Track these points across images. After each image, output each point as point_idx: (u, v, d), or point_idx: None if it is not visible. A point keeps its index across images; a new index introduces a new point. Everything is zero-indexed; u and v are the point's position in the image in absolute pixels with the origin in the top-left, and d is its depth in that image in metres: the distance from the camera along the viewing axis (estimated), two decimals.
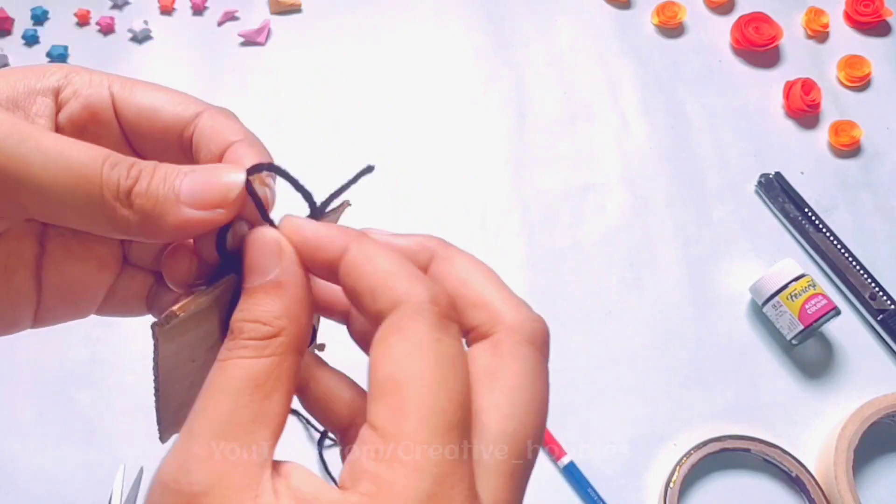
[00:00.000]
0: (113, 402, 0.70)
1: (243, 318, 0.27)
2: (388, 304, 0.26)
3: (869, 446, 0.69)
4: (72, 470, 0.68)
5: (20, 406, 0.70)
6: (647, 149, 0.82)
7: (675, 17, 0.87)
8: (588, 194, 0.80)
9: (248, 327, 0.27)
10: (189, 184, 0.28)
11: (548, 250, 0.78)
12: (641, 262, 0.78)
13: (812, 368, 0.74)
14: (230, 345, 0.27)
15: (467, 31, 0.87)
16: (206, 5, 0.87)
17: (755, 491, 0.70)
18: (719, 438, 0.69)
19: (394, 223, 0.78)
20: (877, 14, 0.88)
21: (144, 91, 0.32)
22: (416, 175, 0.81)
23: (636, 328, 0.75)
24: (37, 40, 0.85)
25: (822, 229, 0.78)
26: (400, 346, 0.25)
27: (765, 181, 0.80)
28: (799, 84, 0.83)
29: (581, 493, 0.69)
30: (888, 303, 0.75)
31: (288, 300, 0.27)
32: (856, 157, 0.83)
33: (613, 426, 0.71)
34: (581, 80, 0.85)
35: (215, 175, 0.28)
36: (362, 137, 0.82)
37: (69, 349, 0.72)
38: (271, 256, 0.28)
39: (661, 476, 0.70)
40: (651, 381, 0.73)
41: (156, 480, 0.25)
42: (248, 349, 0.26)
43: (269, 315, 0.27)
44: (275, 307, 0.27)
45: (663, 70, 0.86)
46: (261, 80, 0.84)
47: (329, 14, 0.87)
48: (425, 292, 0.26)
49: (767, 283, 0.73)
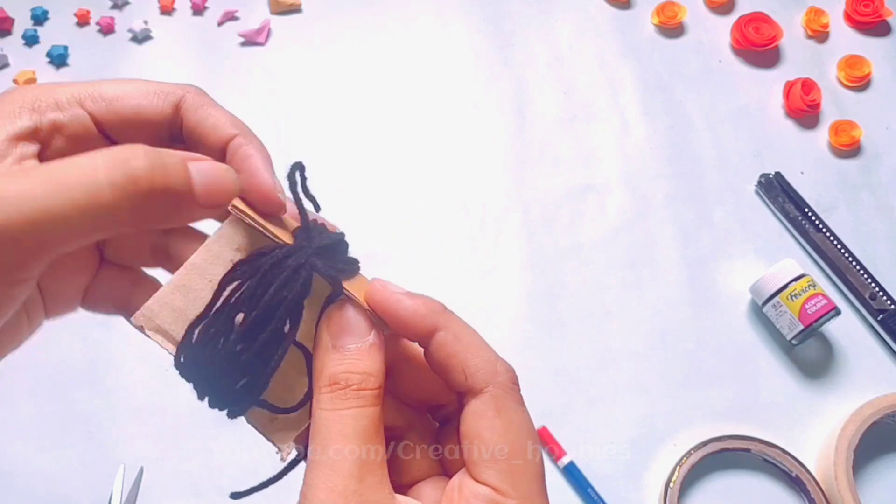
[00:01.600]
0: (113, 402, 0.70)
1: (349, 370, 0.32)
2: (480, 383, 0.33)
3: (869, 446, 0.69)
4: (72, 470, 0.68)
5: (20, 406, 0.70)
6: (647, 149, 0.82)
7: (675, 17, 0.87)
8: (588, 194, 0.80)
9: (356, 378, 0.32)
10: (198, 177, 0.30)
11: (548, 250, 0.78)
12: (641, 262, 0.78)
13: (812, 368, 0.74)
14: (340, 394, 0.32)
15: (467, 31, 0.87)
16: (206, 5, 0.87)
17: (755, 491, 0.70)
18: (719, 438, 0.69)
19: (394, 223, 0.78)
20: (877, 14, 0.88)
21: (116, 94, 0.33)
22: (416, 175, 0.81)
23: (636, 328, 0.75)
24: (37, 40, 0.85)
25: (822, 229, 0.78)
26: (500, 422, 0.33)
27: (765, 181, 0.80)
28: (799, 84, 0.83)
29: (581, 493, 0.69)
30: (888, 303, 0.75)
31: (382, 361, 0.33)
32: (856, 157, 0.83)
33: (613, 426, 0.71)
34: (581, 80, 0.85)
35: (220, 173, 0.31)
36: (362, 137, 0.82)
37: (69, 349, 0.72)
38: (366, 326, 0.33)
39: (661, 476, 0.70)
40: (651, 381, 0.73)
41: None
42: (361, 399, 0.32)
43: (374, 369, 0.32)
44: (376, 365, 0.32)
45: (663, 70, 0.86)
46: (261, 80, 0.84)
47: (329, 14, 0.87)
48: (507, 374, 0.34)
49: (767, 283, 0.73)
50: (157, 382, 0.71)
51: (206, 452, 0.69)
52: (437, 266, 0.77)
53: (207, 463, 0.68)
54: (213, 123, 0.34)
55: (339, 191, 0.78)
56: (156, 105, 0.34)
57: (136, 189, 0.28)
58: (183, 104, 0.34)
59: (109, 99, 0.33)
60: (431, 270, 0.76)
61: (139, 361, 0.72)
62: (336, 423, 0.31)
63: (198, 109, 0.34)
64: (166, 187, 0.28)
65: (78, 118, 0.33)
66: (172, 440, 0.69)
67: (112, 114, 0.33)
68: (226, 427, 0.70)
